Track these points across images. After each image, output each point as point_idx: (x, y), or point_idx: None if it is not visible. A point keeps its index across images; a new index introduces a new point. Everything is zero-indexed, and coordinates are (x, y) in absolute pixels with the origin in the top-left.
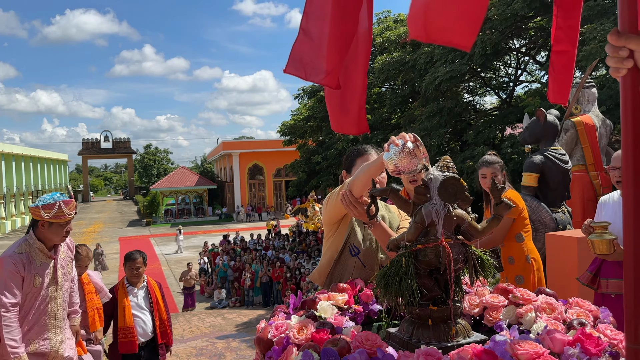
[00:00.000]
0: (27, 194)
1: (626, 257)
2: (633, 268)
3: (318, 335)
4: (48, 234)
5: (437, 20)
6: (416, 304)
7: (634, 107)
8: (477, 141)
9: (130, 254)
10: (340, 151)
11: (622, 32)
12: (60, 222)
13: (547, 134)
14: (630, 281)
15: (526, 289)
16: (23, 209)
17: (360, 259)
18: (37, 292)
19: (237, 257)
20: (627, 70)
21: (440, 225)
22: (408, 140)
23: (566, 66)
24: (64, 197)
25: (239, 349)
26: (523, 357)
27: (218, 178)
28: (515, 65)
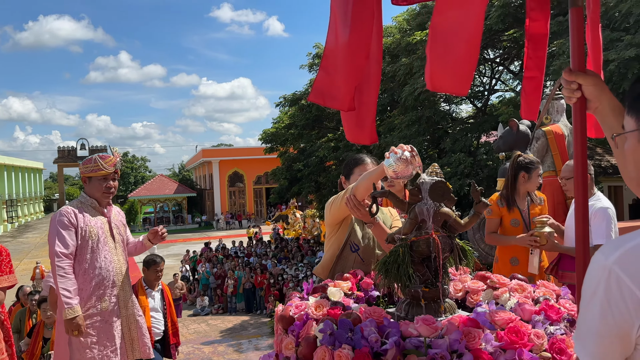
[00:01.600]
0: (1, 203)
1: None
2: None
3: (333, 311)
4: (90, 190)
5: (439, 75)
6: (411, 286)
7: (582, 124)
8: (454, 149)
9: (153, 258)
10: (322, 158)
11: (573, 70)
12: (98, 177)
13: (520, 143)
14: (580, 274)
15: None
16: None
17: (360, 254)
18: (96, 245)
19: (219, 264)
20: (577, 99)
21: (431, 221)
22: (405, 150)
23: (535, 89)
24: (103, 154)
25: (226, 353)
26: (499, 322)
27: (197, 186)
28: (490, 74)
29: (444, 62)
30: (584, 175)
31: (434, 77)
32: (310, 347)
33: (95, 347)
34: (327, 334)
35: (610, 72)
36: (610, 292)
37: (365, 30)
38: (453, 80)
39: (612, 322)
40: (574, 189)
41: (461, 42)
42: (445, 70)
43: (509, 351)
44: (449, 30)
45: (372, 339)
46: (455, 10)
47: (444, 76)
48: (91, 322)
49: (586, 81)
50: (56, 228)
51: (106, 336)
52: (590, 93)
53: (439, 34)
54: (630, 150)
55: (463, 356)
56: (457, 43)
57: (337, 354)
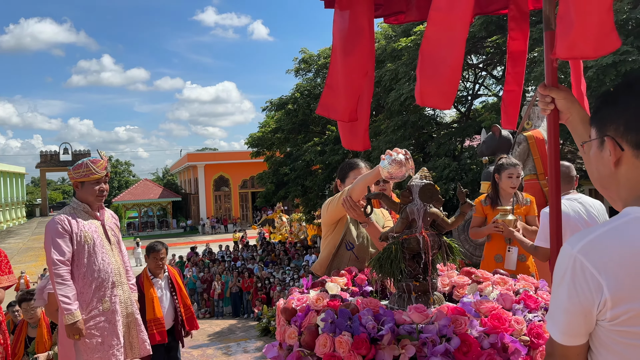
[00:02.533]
0: None
1: (552, 248)
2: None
3: (333, 303)
4: (83, 194)
5: (427, 94)
6: (403, 280)
7: (555, 131)
8: (438, 153)
9: (153, 245)
10: (308, 162)
11: (547, 85)
12: (91, 181)
13: (502, 147)
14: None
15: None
16: None
17: (355, 252)
18: (92, 249)
19: (206, 268)
20: (550, 110)
21: (420, 220)
22: (400, 153)
23: (514, 101)
24: (94, 158)
25: (215, 356)
26: (483, 311)
27: (182, 190)
28: (473, 80)
29: (432, 83)
30: (557, 177)
31: (423, 94)
32: (312, 335)
33: (102, 347)
34: (328, 323)
35: (589, 79)
36: (576, 276)
37: (361, 52)
38: (439, 97)
39: (577, 301)
40: (549, 190)
41: (446, 67)
42: (433, 90)
43: (492, 335)
44: (436, 56)
45: (370, 326)
46: (442, 40)
47: (432, 94)
48: (95, 323)
49: (558, 95)
50: (51, 236)
51: (111, 336)
52: (562, 105)
53: (427, 59)
54: (593, 156)
55: (451, 340)
56: (443, 67)
57: (337, 340)
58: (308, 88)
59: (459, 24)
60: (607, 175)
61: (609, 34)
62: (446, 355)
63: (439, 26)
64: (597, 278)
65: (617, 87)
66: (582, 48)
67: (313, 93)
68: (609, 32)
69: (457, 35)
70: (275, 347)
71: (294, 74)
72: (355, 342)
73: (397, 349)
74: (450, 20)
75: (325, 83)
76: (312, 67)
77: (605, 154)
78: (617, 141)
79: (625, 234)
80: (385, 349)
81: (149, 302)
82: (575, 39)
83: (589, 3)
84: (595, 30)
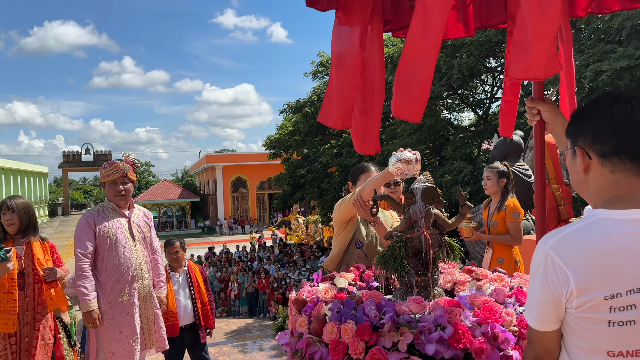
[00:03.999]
0: None
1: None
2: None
3: (339, 295)
4: (106, 194)
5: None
6: (406, 276)
7: (541, 139)
8: (454, 156)
9: (169, 240)
10: (325, 165)
11: (534, 98)
12: (109, 182)
13: (513, 152)
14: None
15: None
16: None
17: (364, 250)
18: (115, 244)
19: (223, 268)
20: (536, 121)
21: (422, 220)
22: (409, 152)
23: (511, 111)
24: (116, 160)
25: (231, 353)
26: (477, 303)
27: (201, 191)
28: (491, 82)
29: (404, 99)
30: (542, 180)
31: (397, 108)
32: (320, 323)
33: (119, 337)
34: (335, 312)
35: (603, 82)
36: (547, 269)
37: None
38: (410, 111)
39: (548, 291)
40: (535, 193)
41: (417, 85)
42: (405, 104)
43: (483, 325)
44: (409, 76)
45: (372, 315)
46: (414, 63)
47: (404, 108)
48: (114, 314)
49: (544, 107)
50: (77, 232)
51: (128, 327)
52: (547, 117)
53: (401, 78)
54: (568, 164)
55: (445, 329)
56: (414, 86)
57: (343, 328)
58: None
59: (430, 50)
60: (579, 181)
61: (553, 59)
62: (440, 342)
63: (413, 51)
64: (565, 271)
65: (586, 105)
66: (535, 71)
67: None
68: (553, 57)
69: (428, 59)
70: (287, 334)
71: (312, 77)
72: (359, 330)
73: (397, 336)
74: (423, 46)
75: (326, 92)
76: (329, 70)
77: (577, 162)
78: (586, 151)
79: (589, 233)
80: (386, 336)
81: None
82: (530, 63)
83: (544, 32)
84: (545, 55)
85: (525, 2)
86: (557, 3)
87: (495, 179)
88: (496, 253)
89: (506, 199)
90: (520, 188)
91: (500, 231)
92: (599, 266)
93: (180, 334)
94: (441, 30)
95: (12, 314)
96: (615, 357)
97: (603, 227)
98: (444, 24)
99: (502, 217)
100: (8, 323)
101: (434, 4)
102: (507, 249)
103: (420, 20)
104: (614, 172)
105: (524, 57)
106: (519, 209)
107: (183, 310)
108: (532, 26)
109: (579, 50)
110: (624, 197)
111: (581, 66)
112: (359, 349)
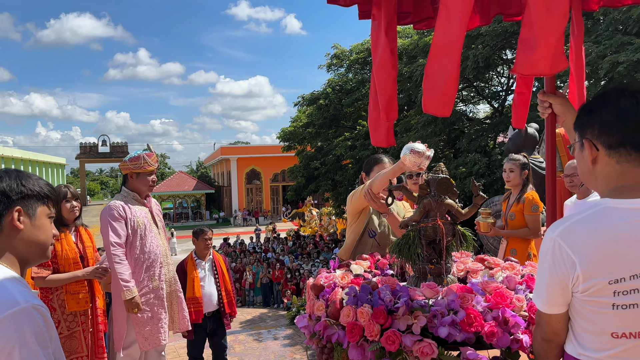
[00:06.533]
0: None
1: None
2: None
3: (356, 280)
4: (136, 184)
5: (431, 102)
6: (419, 264)
7: (552, 132)
8: (469, 149)
9: (201, 228)
10: (338, 157)
11: (546, 92)
12: (145, 172)
13: (528, 144)
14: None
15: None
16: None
17: (377, 239)
18: (144, 232)
19: (238, 259)
20: (548, 114)
21: (436, 210)
22: (422, 145)
23: (523, 103)
24: (145, 151)
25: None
26: (489, 289)
27: (215, 182)
28: (507, 75)
29: (432, 95)
30: (553, 172)
31: (426, 104)
32: (337, 307)
33: (151, 321)
34: (351, 296)
35: (620, 74)
36: (555, 255)
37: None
38: (438, 107)
39: (556, 275)
40: (546, 184)
41: (442, 82)
42: (433, 100)
43: (494, 310)
44: (436, 74)
45: (387, 299)
46: (440, 62)
47: (432, 104)
48: (146, 299)
49: (555, 101)
50: (108, 221)
51: (159, 310)
52: (558, 110)
53: (429, 76)
54: (576, 157)
55: (458, 313)
56: (441, 83)
57: (359, 311)
58: (340, 83)
59: (453, 50)
60: (587, 172)
61: (560, 56)
62: (453, 325)
63: (438, 51)
64: (571, 257)
65: (594, 99)
66: (541, 67)
67: (344, 88)
68: (560, 54)
69: (452, 55)
70: (305, 318)
71: (326, 69)
72: (375, 313)
73: (411, 319)
74: (447, 46)
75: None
76: (344, 63)
77: (585, 154)
78: (593, 143)
79: (596, 221)
80: (400, 319)
81: (189, 282)
82: (536, 60)
83: (550, 29)
84: (551, 53)
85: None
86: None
87: (518, 171)
88: (510, 244)
89: (526, 191)
90: (536, 180)
91: (517, 223)
92: (604, 252)
93: (203, 321)
94: (463, 29)
95: (83, 293)
96: (619, 339)
97: (609, 216)
98: (465, 23)
99: (521, 210)
100: (80, 302)
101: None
102: (522, 241)
103: (444, 20)
104: (620, 163)
105: (530, 53)
106: (537, 202)
107: (208, 297)
108: (538, 23)
109: (596, 41)
110: (630, 187)
111: (597, 57)
112: (375, 331)
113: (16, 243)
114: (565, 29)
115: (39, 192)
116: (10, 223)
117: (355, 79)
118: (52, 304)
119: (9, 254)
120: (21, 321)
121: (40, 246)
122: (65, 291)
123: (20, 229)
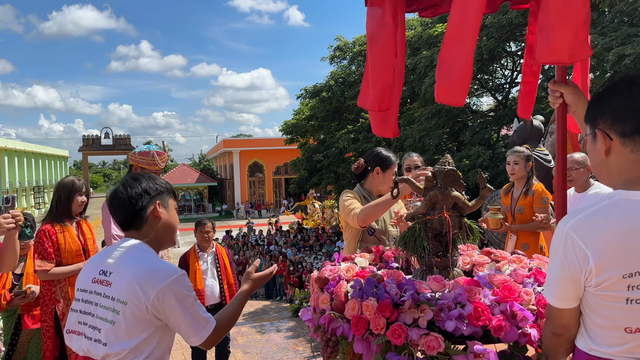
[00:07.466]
0: (29, 189)
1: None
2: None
3: (361, 273)
4: None
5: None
6: (426, 256)
7: (563, 122)
8: (473, 141)
9: (200, 220)
10: (341, 150)
11: (556, 81)
12: (151, 170)
13: (533, 137)
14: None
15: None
16: (25, 205)
17: (377, 236)
18: None
19: (240, 251)
20: (559, 104)
21: (443, 202)
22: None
23: (530, 92)
24: (158, 148)
25: (249, 334)
26: (496, 283)
27: (218, 175)
28: (511, 67)
29: (446, 84)
30: (563, 166)
31: (439, 93)
32: (342, 300)
33: None
34: (357, 290)
35: (626, 66)
36: (567, 248)
37: (385, 46)
38: (452, 96)
39: (568, 269)
40: (555, 176)
41: (457, 70)
42: (447, 89)
43: (502, 304)
44: (450, 62)
45: (393, 292)
46: (455, 49)
47: (446, 93)
48: None
49: (566, 90)
50: (109, 216)
51: None
52: (569, 100)
53: (443, 64)
54: (588, 150)
55: (465, 306)
56: (455, 71)
57: (364, 304)
58: (342, 76)
59: (469, 36)
60: (599, 164)
61: (582, 44)
62: (460, 319)
63: (453, 37)
64: (584, 250)
65: (604, 89)
66: (560, 55)
67: (347, 81)
68: (582, 42)
69: (467, 44)
70: (310, 311)
71: (329, 61)
72: (380, 306)
73: (417, 313)
74: (462, 32)
75: (364, 75)
76: (347, 55)
77: (597, 146)
78: (606, 132)
79: (609, 213)
80: (407, 313)
81: (192, 274)
82: (553, 47)
83: (568, 16)
84: (571, 40)
85: None
86: None
87: (523, 164)
88: (521, 239)
89: (531, 183)
90: (541, 173)
91: (527, 216)
92: (618, 245)
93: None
94: (480, 13)
95: None
96: (633, 334)
97: (622, 208)
98: (482, 7)
99: (529, 203)
100: None
101: None
102: (533, 234)
103: (459, 5)
104: (635, 152)
105: (548, 40)
106: (547, 194)
107: (210, 290)
108: (555, 9)
109: (602, 33)
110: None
111: (604, 49)
112: (381, 325)
113: (158, 229)
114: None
115: (168, 188)
116: (153, 214)
117: (358, 71)
118: (56, 297)
119: (150, 240)
120: (183, 281)
121: (173, 230)
122: (68, 283)
123: (161, 217)
